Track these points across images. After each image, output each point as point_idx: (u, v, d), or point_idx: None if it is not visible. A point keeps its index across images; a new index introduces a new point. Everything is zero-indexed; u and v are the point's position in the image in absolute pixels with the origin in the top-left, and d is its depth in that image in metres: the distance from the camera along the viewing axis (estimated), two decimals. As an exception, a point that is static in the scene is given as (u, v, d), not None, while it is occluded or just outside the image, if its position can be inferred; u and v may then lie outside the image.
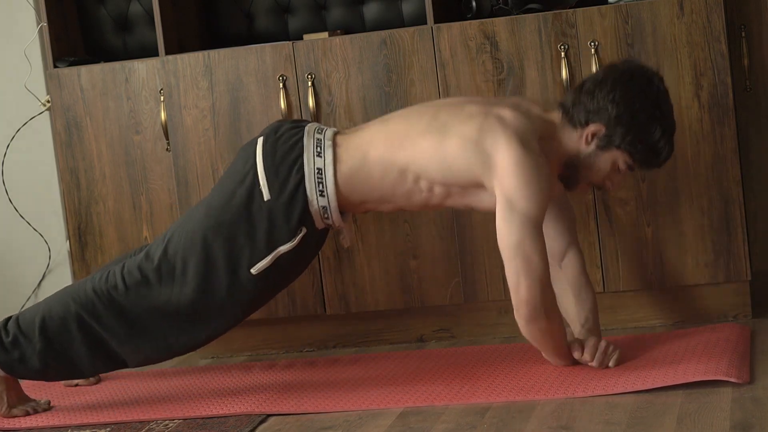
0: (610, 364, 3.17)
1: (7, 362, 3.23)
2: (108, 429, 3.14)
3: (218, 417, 3.14)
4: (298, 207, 3.17)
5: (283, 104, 3.71)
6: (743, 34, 3.66)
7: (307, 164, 3.19)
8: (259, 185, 3.19)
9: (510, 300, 3.19)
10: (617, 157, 3.17)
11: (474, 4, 3.70)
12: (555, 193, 3.25)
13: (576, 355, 3.18)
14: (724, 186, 3.52)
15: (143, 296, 3.19)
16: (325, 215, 3.21)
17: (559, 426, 2.77)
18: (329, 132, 3.26)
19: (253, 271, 3.18)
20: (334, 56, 3.68)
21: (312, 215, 3.19)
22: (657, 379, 3.00)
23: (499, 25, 3.58)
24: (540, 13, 3.58)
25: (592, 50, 3.53)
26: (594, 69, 3.52)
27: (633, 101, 3.12)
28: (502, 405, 2.99)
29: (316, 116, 3.69)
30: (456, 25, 3.62)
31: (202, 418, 3.15)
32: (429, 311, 3.76)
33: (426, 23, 3.66)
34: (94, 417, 3.23)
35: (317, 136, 3.24)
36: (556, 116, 3.23)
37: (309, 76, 3.70)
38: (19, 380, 3.33)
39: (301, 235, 3.18)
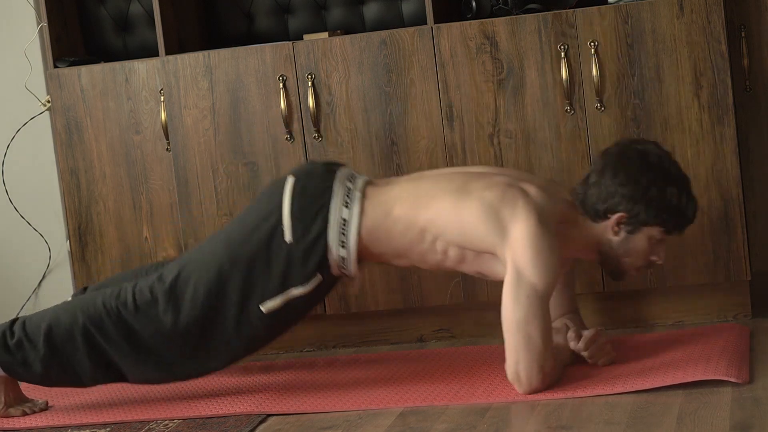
0: (600, 362, 3.18)
1: (9, 364, 3.23)
2: (108, 429, 3.14)
3: (218, 417, 3.14)
4: (318, 254, 3.15)
5: (283, 104, 3.71)
6: (743, 34, 3.66)
7: (333, 213, 3.17)
8: (282, 225, 3.17)
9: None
10: (650, 233, 3.16)
11: (474, 4, 3.70)
12: (563, 273, 3.26)
13: (572, 344, 3.19)
14: (724, 186, 3.52)
15: (151, 318, 3.19)
16: (343, 265, 3.19)
17: (559, 426, 2.77)
18: (360, 182, 3.23)
19: (262, 308, 3.17)
20: (334, 56, 3.68)
21: (330, 263, 3.18)
22: (657, 379, 3.00)
23: (499, 25, 3.58)
24: (540, 13, 3.58)
25: (592, 50, 3.53)
26: (594, 69, 3.52)
27: (639, 177, 3.12)
28: (502, 405, 2.99)
29: (316, 116, 3.69)
30: (456, 25, 3.62)
31: (202, 418, 3.15)
32: (429, 311, 3.75)
33: (426, 23, 3.66)
34: (93, 417, 3.23)
35: (348, 184, 3.21)
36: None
37: (309, 76, 3.70)
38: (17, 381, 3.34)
39: (315, 281, 3.18)
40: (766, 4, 3.64)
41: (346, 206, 3.17)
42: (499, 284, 3.61)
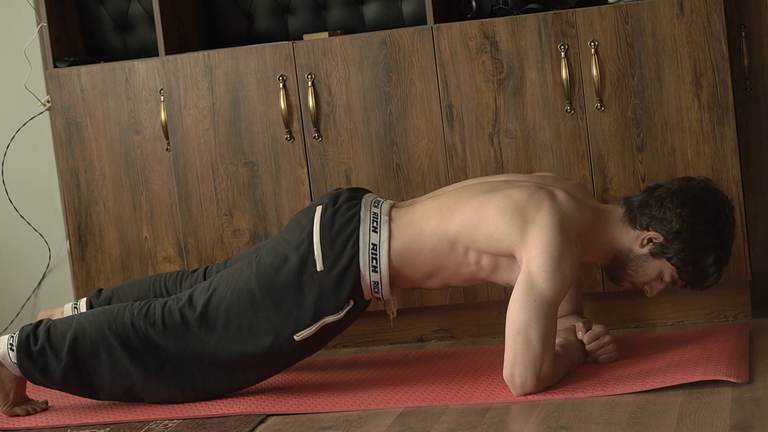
0: (600, 359, 3.20)
1: (29, 370, 3.23)
2: (108, 429, 3.14)
3: (218, 417, 3.14)
4: (350, 280, 3.17)
5: (283, 104, 3.71)
6: (743, 34, 3.66)
7: (362, 239, 3.19)
8: (313, 255, 3.19)
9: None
10: (665, 268, 3.16)
11: (474, 4, 3.70)
12: (576, 279, 3.25)
13: (579, 334, 3.21)
14: (724, 186, 3.51)
15: (180, 338, 3.20)
16: (376, 290, 3.20)
17: (559, 426, 2.77)
18: (385, 206, 3.25)
19: (296, 337, 3.18)
20: (334, 56, 3.68)
21: (362, 289, 3.19)
22: (657, 379, 3.00)
23: (499, 25, 3.58)
24: (540, 13, 3.58)
25: (592, 50, 3.53)
26: (594, 69, 3.52)
27: (698, 222, 3.11)
28: (502, 405, 2.99)
29: (316, 116, 3.69)
30: (456, 25, 3.62)
31: (202, 418, 3.15)
32: (429, 311, 3.75)
33: (426, 23, 3.66)
34: (93, 417, 3.23)
35: (374, 209, 3.23)
36: (613, 210, 3.22)
37: (309, 76, 3.70)
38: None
39: (348, 307, 3.19)
40: (766, 4, 3.64)
41: (375, 231, 3.19)
42: (498, 285, 3.61)
